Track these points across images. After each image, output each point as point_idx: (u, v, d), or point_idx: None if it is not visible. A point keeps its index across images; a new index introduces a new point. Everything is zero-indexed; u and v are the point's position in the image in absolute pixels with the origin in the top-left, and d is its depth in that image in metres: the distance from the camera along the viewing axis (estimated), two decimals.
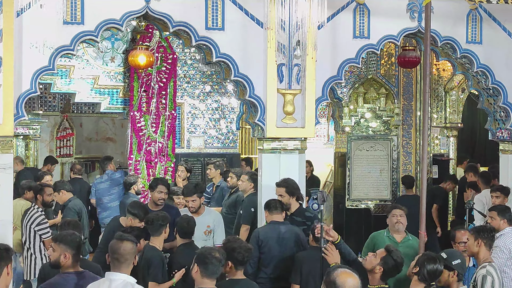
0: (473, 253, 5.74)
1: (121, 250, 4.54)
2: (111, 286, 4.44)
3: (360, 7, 7.64)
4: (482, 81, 8.36)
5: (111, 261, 4.57)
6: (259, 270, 6.30)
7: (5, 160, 6.54)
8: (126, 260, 4.54)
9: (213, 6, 7.19)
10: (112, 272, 4.53)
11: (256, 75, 7.33)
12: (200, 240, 6.69)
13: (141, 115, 10.64)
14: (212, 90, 11.31)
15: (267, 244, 6.27)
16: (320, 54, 7.41)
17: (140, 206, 6.89)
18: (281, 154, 7.43)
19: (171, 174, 10.67)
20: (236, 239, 5.36)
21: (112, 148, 15.29)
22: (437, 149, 12.23)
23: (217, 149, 11.34)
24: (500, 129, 8.63)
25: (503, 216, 6.81)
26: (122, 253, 4.53)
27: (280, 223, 6.47)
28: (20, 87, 6.59)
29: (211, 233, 7.10)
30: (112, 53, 10.78)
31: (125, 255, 4.53)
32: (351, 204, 11.33)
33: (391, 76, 11.57)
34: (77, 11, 6.76)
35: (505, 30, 8.17)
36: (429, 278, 4.87)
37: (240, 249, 5.14)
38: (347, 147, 11.34)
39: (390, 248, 5.17)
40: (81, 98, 10.87)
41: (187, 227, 6.33)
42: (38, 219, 7.32)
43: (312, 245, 6.14)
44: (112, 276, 4.50)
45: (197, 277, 4.55)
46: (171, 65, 10.82)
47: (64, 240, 4.78)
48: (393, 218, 6.67)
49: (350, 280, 3.63)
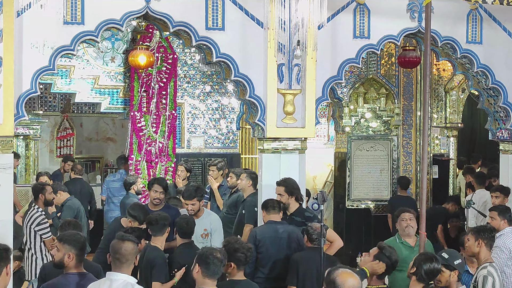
0: (474, 254, 5.72)
1: (122, 250, 4.55)
2: (111, 286, 4.45)
3: (360, 7, 7.64)
4: (482, 81, 8.36)
5: (112, 261, 4.58)
6: (257, 270, 6.29)
7: (5, 160, 6.54)
8: (127, 260, 4.55)
9: (213, 6, 7.19)
10: (113, 272, 4.54)
11: (256, 75, 7.33)
12: (198, 243, 6.66)
13: (142, 115, 10.65)
14: (212, 90, 11.31)
15: (264, 244, 6.27)
16: (320, 54, 7.41)
17: (140, 208, 6.91)
18: (281, 154, 7.43)
19: (171, 174, 10.68)
20: (236, 240, 5.35)
21: (113, 148, 15.31)
22: (437, 149, 12.22)
23: (217, 149, 11.35)
24: (500, 129, 8.63)
25: (504, 217, 6.81)
26: (123, 253, 4.54)
27: (277, 223, 6.47)
28: (20, 87, 6.59)
29: (209, 236, 7.08)
30: (112, 53, 10.78)
31: (126, 255, 4.54)
32: (351, 204, 11.32)
33: (391, 76, 11.57)
34: (77, 11, 6.76)
35: (505, 30, 8.17)
36: (427, 277, 4.87)
37: (242, 250, 5.15)
38: (347, 147, 11.34)
39: (382, 245, 5.17)
40: (81, 98, 10.88)
41: (187, 227, 6.33)
42: (38, 219, 7.32)
43: (308, 246, 6.15)
44: (113, 276, 4.51)
45: (199, 277, 4.55)
46: (171, 65, 10.82)
47: (69, 240, 4.80)
48: (403, 222, 6.53)
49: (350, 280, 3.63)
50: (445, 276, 5.07)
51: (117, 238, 4.72)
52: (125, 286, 4.46)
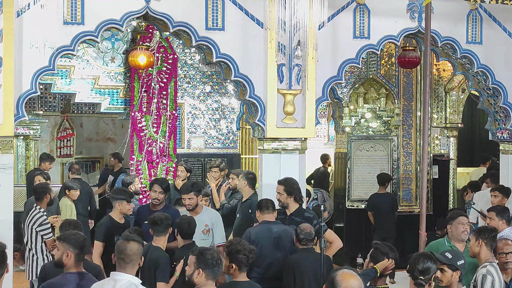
0: (475, 254, 5.73)
1: (127, 250, 4.54)
2: (115, 286, 4.44)
3: (360, 7, 7.64)
4: (482, 81, 8.36)
5: (117, 261, 4.58)
6: (251, 270, 6.28)
7: (5, 160, 6.55)
8: (131, 260, 4.54)
9: (213, 6, 7.19)
10: (117, 272, 4.53)
11: (256, 75, 7.33)
12: (199, 239, 6.67)
13: (142, 116, 10.65)
14: (213, 91, 11.31)
15: (258, 244, 6.25)
16: (320, 54, 7.42)
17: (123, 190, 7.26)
18: (281, 154, 7.43)
19: (172, 174, 10.67)
20: (238, 241, 5.34)
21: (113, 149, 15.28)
22: (437, 149, 12.22)
23: (217, 149, 11.34)
24: (500, 129, 8.63)
25: (502, 217, 6.81)
26: (128, 253, 4.53)
27: (271, 222, 6.47)
28: (20, 87, 6.60)
29: (210, 232, 7.08)
30: (112, 53, 10.78)
31: (131, 255, 4.54)
32: (351, 204, 11.33)
33: (391, 77, 11.57)
34: (77, 11, 6.76)
35: (505, 30, 8.17)
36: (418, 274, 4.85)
37: (244, 251, 5.13)
38: (347, 148, 11.35)
39: (376, 242, 5.18)
40: (82, 98, 10.87)
41: (188, 228, 6.33)
42: (40, 220, 7.31)
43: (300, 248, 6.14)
44: (117, 276, 4.50)
45: (201, 280, 4.51)
46: (171, 65, 10.82)
47: (68, 239, 4.81)
48: (460, 226, 6.12)
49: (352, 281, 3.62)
50: (447, 275, 5.05)
51: (122, 238, 4.72)
52: (129, 286, 4.45)
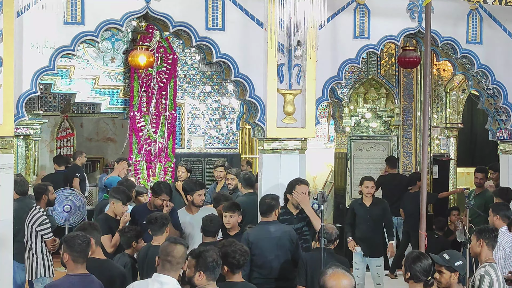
0: (476, 254, 5.74)
1: (174, 252, 4.52)
2: None
3: (360, 7, 7.64)
4: (482, 82, 8.36)
5: (161, 263, 4.54)
6: (252, 271, 6.28)
7: (5, 160, 6.54)
8: (178, 263, 4.53)
9: (213, 6, 7.19)
10: (161, 274, 4.49)
11: (256, 75, 7.33)
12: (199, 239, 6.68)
13: (141, 115, 10.66)
14: (213, 90, 11.32)
15: (257, 246, 6.25)
16: (320, 54, 7.42)
17: (123, 191, 7.09)
18: (281, 154, 7.43)
19: (171, 174, 10.68)
20: (231, 243, 5.31)
21: (113, 149, 15.30)
22: (437, 149, 12.22)
23: (218, 149, 11.35)
24: (500, 129, 8.63)
25: (496, 213, 6.85)
26: (175, 256, 4.52)
27: (269, 223, 6.47)
28: (20, 87, 6.59)
29: None
30: (112, 53, 10.79)
31: (177, 258, 4.52)
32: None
33: (391, 77, 11.57)
34: (77, 11, 6.76)
35: (505, 30, 8.17)
36: (423, 276, 4.85)
37: (234, 254, 5.12)
38: (347, 147, 11.35)
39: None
40: (82, 98, 10.88)
41: (209, 225, 6.40)
42: (40, 220, 7.31)
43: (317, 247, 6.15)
44: (163, 279, 4.46)
45: (203, 281, 4.52)
46: (171, 65, 10.83)
47: (66, 241, 4.82)
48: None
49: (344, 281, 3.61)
50: (445, 277, 5.05)
51: (169, 241, 4.70)
52: None
